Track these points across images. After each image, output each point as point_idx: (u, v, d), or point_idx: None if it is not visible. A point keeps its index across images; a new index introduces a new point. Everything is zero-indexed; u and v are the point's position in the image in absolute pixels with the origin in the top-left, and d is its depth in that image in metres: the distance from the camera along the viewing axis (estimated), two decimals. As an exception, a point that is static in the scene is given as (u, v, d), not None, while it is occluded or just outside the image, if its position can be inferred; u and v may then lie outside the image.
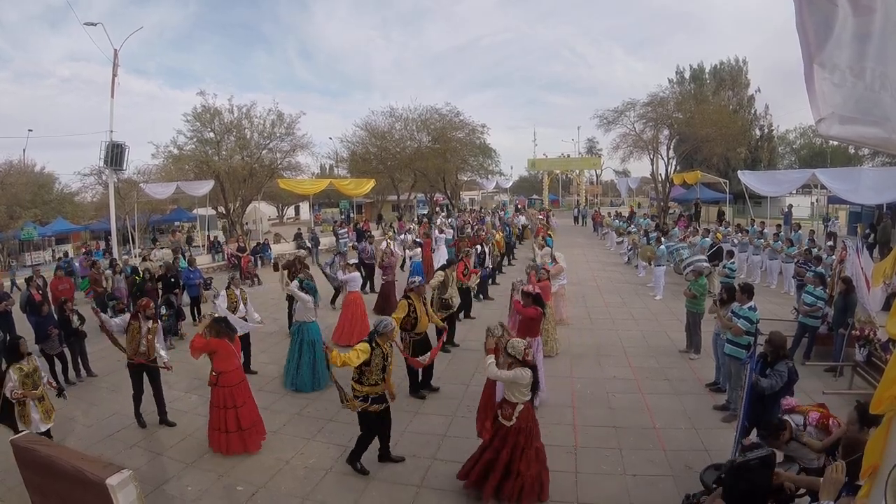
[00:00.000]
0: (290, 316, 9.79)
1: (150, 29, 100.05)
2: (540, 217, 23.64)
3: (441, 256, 12.63)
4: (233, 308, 7.48)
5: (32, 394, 5.05)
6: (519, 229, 21.78)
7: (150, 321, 6.15)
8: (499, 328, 4.73)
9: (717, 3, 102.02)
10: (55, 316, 8.04)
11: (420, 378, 6.88)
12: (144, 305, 6.19)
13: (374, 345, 4.85)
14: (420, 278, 7.39)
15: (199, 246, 22.76)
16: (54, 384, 5.80)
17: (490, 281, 12.79)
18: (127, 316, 6.28)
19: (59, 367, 7.52)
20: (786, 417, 4.22)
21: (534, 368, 4.38)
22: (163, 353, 6.28)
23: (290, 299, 10.19)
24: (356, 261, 10.28)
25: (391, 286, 10.90)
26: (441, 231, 15.58)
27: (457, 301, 8.77)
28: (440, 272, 8.44)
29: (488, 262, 12.27)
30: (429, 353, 6.26)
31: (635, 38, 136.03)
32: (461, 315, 9.84)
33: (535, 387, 4.40)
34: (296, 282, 7.39)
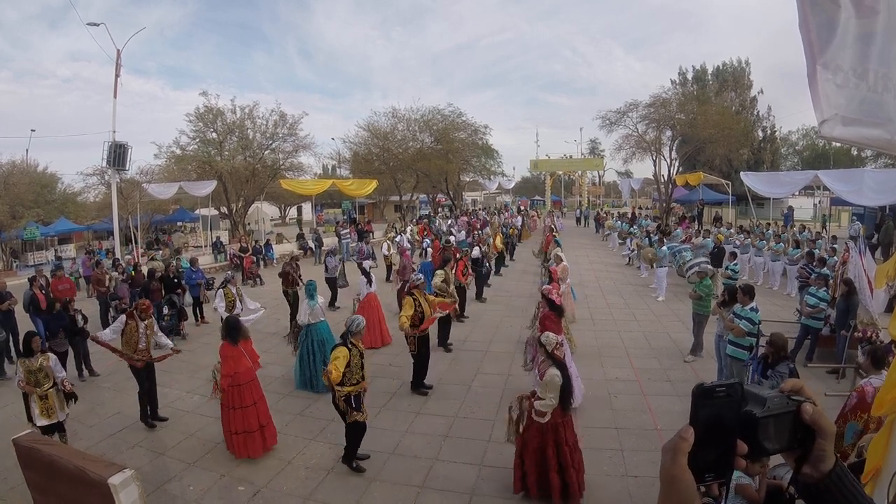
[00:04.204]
0: (293, 318, 9.81)
1: (149, 27, 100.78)
2: (549, 227, 18.74)
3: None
4: (231, 306, 7.65)
5: (33, 390, 5.17)
6: (517, 230, 21.68)
7: (147, 320, 6.18)
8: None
9: (716, 0, 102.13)
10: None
11: (416, 375, 6.95)
12: (144, 308, 6.20)
13: (349, 346, 4.89)
14: (423, 276, 7.67)
15: (200, 246, 22.79)
16: (68, 386, 5.44)
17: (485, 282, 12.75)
18: (123, 317, 6.13)
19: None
20: None
21: (563, 366, 4.29)
22: (165, 340, 6.40)
23: (292, 300, 10.24)
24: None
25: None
26: (451, 233, 15.79)
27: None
28: (440, 272, 8.49)
29: (486, 264, 12.32)
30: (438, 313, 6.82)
31: (634, 36, 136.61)
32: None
33: (565, 392, 4.23)
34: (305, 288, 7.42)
